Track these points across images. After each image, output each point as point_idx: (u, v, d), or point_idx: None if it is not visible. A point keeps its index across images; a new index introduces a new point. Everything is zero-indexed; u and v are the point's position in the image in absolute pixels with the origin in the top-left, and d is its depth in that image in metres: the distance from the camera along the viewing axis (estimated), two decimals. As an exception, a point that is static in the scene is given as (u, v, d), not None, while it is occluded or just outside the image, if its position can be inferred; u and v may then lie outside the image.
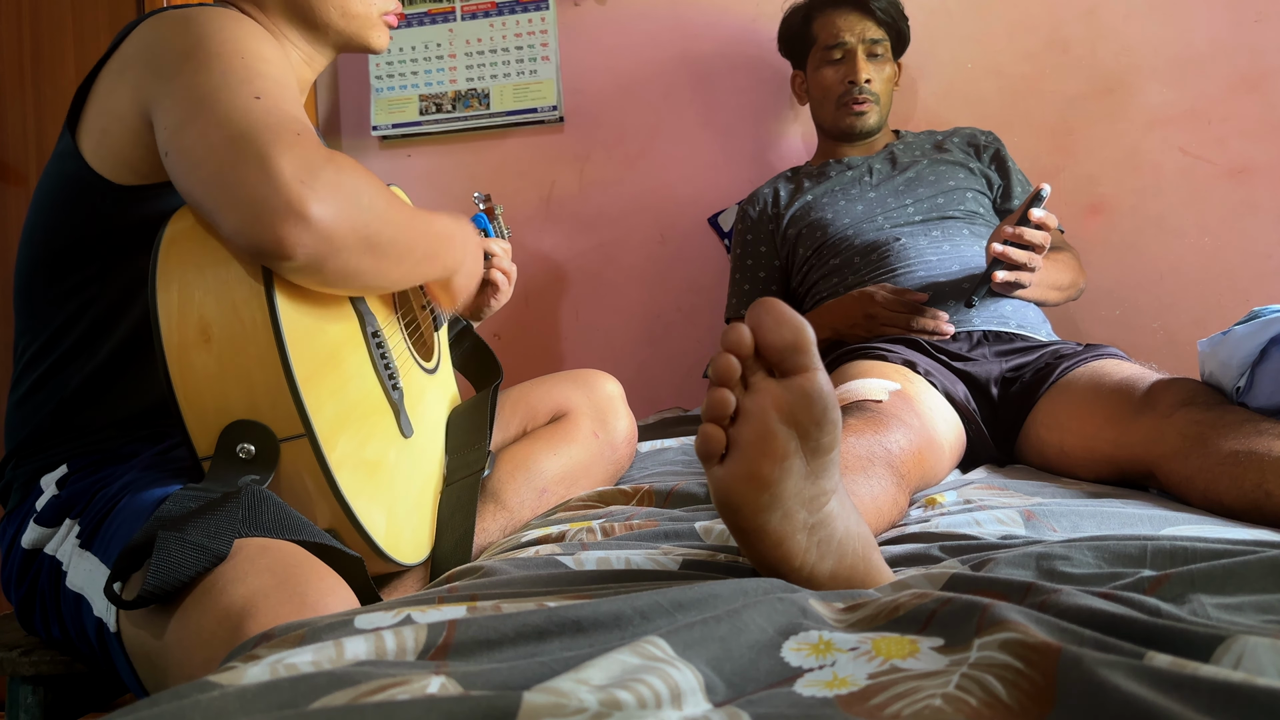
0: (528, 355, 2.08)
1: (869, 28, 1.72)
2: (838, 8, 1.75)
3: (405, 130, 2.10)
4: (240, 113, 0.77)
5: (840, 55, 1.73)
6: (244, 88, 0.80)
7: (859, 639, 0.50)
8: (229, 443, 0.78)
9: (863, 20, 1.73)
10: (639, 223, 2.07)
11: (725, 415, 0.61)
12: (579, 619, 0.51)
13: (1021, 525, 0.88)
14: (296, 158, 0.76)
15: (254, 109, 0.78)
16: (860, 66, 1.70)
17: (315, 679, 0.42)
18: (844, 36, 1.72)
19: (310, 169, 0.76)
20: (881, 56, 1.74)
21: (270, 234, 0.75)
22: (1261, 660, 0.41)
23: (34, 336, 0.96)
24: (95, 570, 0.83)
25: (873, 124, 1.74)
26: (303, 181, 0.75)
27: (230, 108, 0.78)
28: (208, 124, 0.77)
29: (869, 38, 1.72)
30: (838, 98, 1.73)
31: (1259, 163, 1.84)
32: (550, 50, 2.07)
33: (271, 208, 0.74)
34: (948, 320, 1.40)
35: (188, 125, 0.79)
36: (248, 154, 0.75)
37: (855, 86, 1.71)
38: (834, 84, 1.74)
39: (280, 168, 0.75)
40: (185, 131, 0.79)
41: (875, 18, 1.73)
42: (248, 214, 0.75)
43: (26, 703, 0.97)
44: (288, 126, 0.78)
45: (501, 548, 0.95)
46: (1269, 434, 0.94)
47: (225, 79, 0.80)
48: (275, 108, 0.79)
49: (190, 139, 0.78)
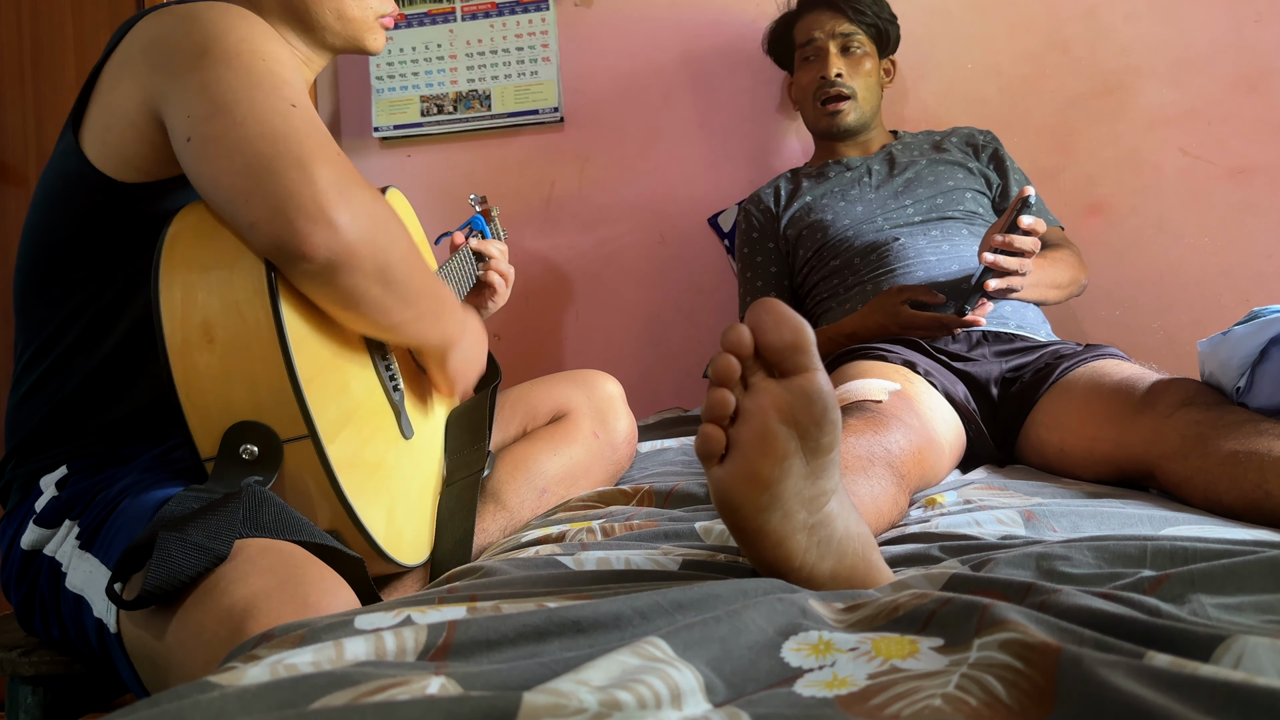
0: (528, 355, 2.08)
1: (839, 23, 1.74)
2: (811, 9, 1.77)
3: (407, 132, 2.10)
4: (279, 116, 0.78)
5: (812, 54, 1.75)
6: (278, 92, 0.80)
7: (859, 639, 0.50)
8: (232, 444, 0.78)
9: (833, 18, 1.74)
10: (639, 223, 2.07)
11: (725, 415, 0.61)
12: (579, 619, 0.51)
13: (1021, 525, 0.88)
14: (335, 172, 0.77)
15: (293, 115, 0.79)
16: (830, 62, 1.71)
17: (315, 679, 0.42)
18: (814, 33, 1.75)
19: (347, 185, 0.78)
20: (856, 52, 1.74)
21: (294, 229, 0.75)
22: (1261, 660, 0.41)
23: (34, 336, 0.95)
24: (95, 571, 0.83)
25: (851, 121, 1.73)
26: (340, 191, 0.76)
27: (268, 109, 0.78)
28: (244, 118, 0.78)
29: (839, 32, 1.73)
30: (814, 95, 1.74)
31: (1259, 163, 1.84)
32: (551, 51, 2.07)
33: (301, 205, 0.75)
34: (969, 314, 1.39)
35: (218, 115, 0.78)
36: (287, 155, 0.76)
37: (825, 81, 1.71)
38: (809, 83, 1.75)
39: (319, 174, 0.76)
40: (215, 121, 0.78)
41: (845, 15, 1.73)
42: (276, 207, 0.75)
43: (26, 703, 0.97)
44: (329, 144, 0.80)
45: (501, 548, 0.95)
46: (1269, 434, 0.94)
47: (253, 78, 0.80)
48: (313, 120, 0.81)
49: (221, 127, 0.78)
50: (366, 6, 1.08)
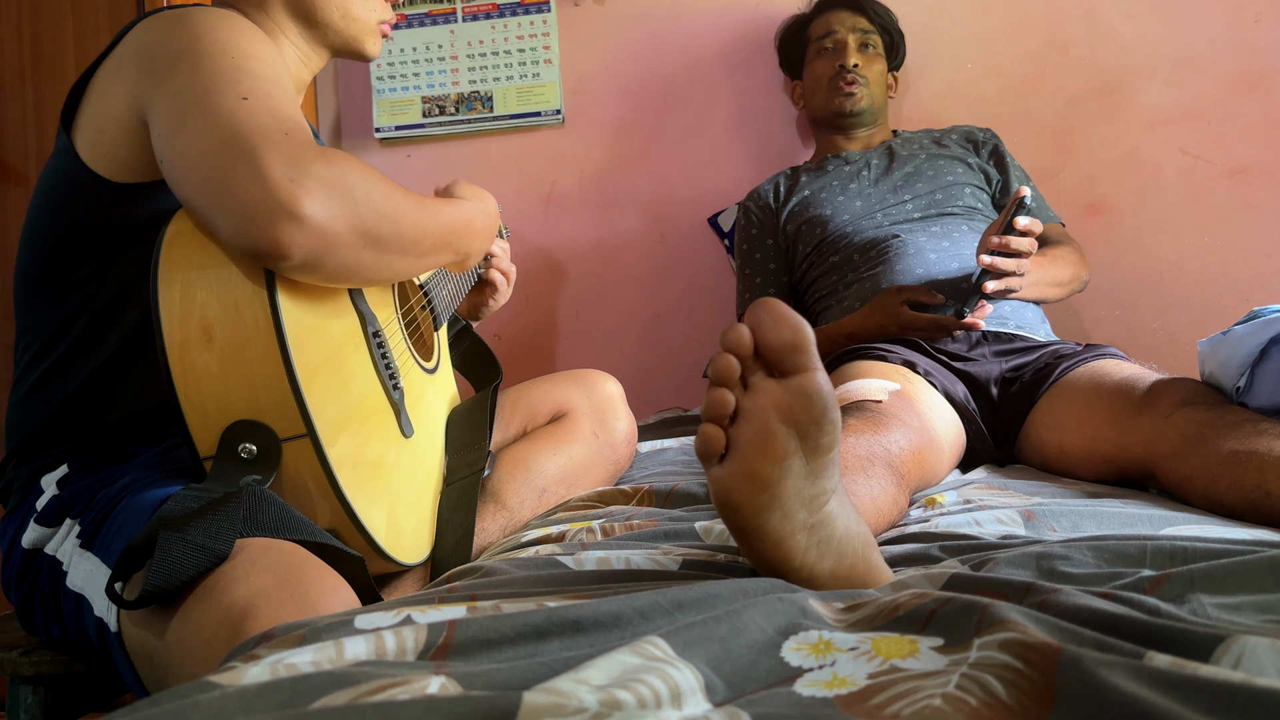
0: (528, 355, 2.08)
1: (860, 21, 1.81)
2: (832, 7, 1.83)
3: (409, 133, 2.10)
4: (228, 116, 0.77)
5: (831, 45, 1.80)
6: (231, 89, 0.80)
7: (859, 639, 0.50)
8: (231, 442, 0.78)
9: (854, 15, 1.81)
10: (639, 223, 2.07)
11: (725, 415, 0.61)
12: (579, 619, 0.51)
13: (1021, 525, 0.88)
14: (285, 157, 0.76)
15: (240, 111, 0.78)
16: (850, 52, 1.77)
17: (315, 679, 0.42)
18: (834, 27, 1.81)
19: (300, 167, 0.76)
20: (872, 50, 1.80)
21: (265, 236, 0.75)
22: (1261, 660, 0.41)
23: (34, 336, 0.96)
24: (96, 570, 0.83)
25: (863, 106, 1.77)
26: (293, 180, 0.75)
27: (218, 111, 0.78)
28: (197, 130, 0.77)
29: (860, 28, 1.80)
30: (829, 81, 1.78)
31: (1259, 163, 1.84)
32: (553, 53, 2.07)
33: (264, 210, 0.74)
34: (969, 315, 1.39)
35: (180, 132, 0.79)
36: (237, 158, 0.75)
37: (845, 70, 1.76)
38: (825, 71, 1.79)
39: (270, 168, 0.74)
40: (177, 139, 0.79)
41: (867, 15, 1.81)
42: (242, 217, 0.75)
43: (26, 703, 0.97)
44: (275, 126, 0.78)
45: (501, 548, 0.95)
46: (1269, 434, 0.94)
47: (214, 80, 0.80)
48: (263, 108, 0.79)
49: (181, 145, 0.78)
50: (370, 9, 1.10)
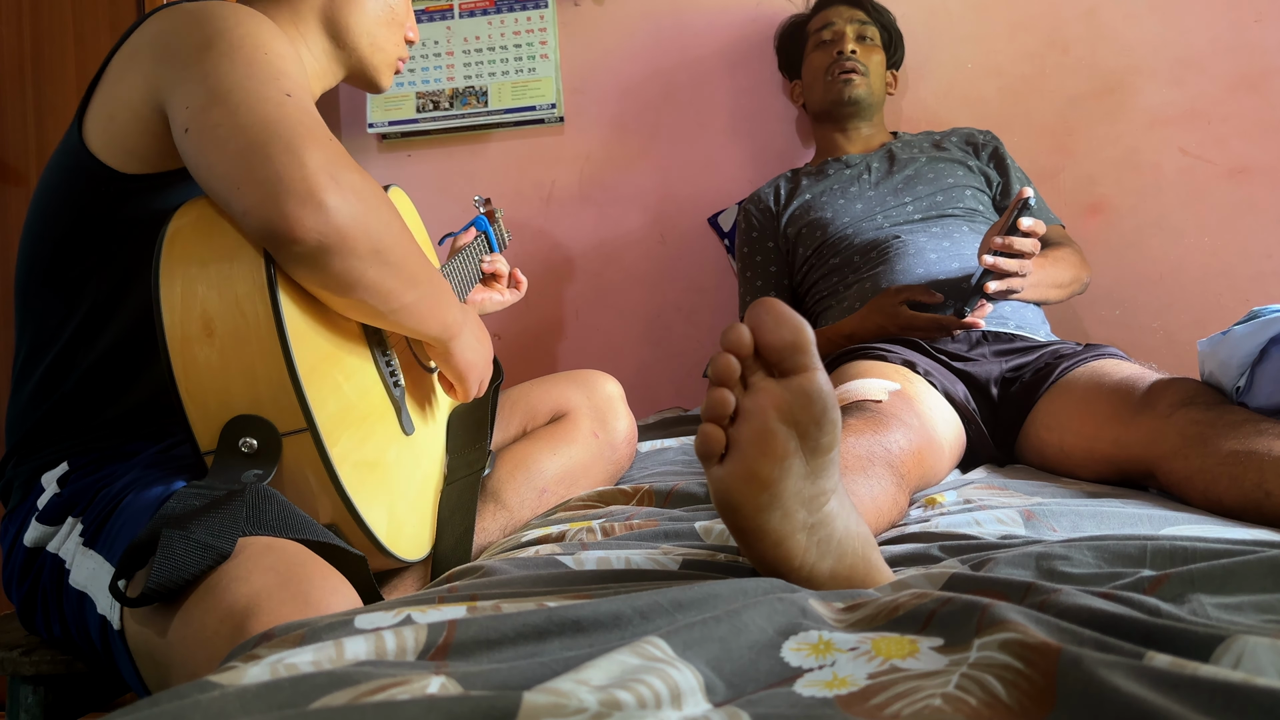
0: (528, 355, 2.08)
1: (857, 14, 1.82)
2: (830, 4, 1.85)
3: (403, 128, 2.09)
4: (274, 104, 0.78)
5: (830, 36, 1.81)
6: (274, 82, 0.81)
7: (859, 639, 0.50)
8: (231, 437, 0.78)
9: (852, 9, 1.83)
10: (639, 223, 2.07)
11: (725, 415, 0.61)
12: (579, 619, 0.51)
13: (1021, 525, 0.88)
14: (326, 155, 0.77)
15: (287, 104, 0.79)
16: (848, 40, 1.79)
17: (315, 679, 0.42)
18: (833, 19, 1.83)
19: (339, 167, 0.78)
20: (870, 42, 1.82)
21: (283, 212, 0.75)
22: (1261, 660, 0.41)
23: (34, 332, 0.96)
24: (99, 568, 0.83)
25: (860, 93, 1.77)
26: (329, 174, 0.76)
27: (261, 98, 0.79)
28: (238, 106, 0.78)
29: (858, 20, 1.82)
30: (826, 69, 1.79)
31: (1259, 163, 1.84)
32: (550, 49, 2.07)
33: (290, 188, 0.75)
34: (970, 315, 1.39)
35: (215, 105, 0.79)
36: (278, 140, 0.76)
37: (841, 56, 1.77)
38: (823, 61, 1.80)
39: (310, 158, 0.76)
40: (212, 111, 0.79)
41: (865, 9, 1.83)
42: (266, 191, 0.75)
43: (27, 703, 0.97)
44: (319, 128, 0.80)
45: (501, 547, 0.95)
46: (1269, 434, 0.94)
47: (251, 69, 0.81)
48: (304, 109, 0.81)
49: (217, 116, 0.78)
50: (397, 45, 1.12)
